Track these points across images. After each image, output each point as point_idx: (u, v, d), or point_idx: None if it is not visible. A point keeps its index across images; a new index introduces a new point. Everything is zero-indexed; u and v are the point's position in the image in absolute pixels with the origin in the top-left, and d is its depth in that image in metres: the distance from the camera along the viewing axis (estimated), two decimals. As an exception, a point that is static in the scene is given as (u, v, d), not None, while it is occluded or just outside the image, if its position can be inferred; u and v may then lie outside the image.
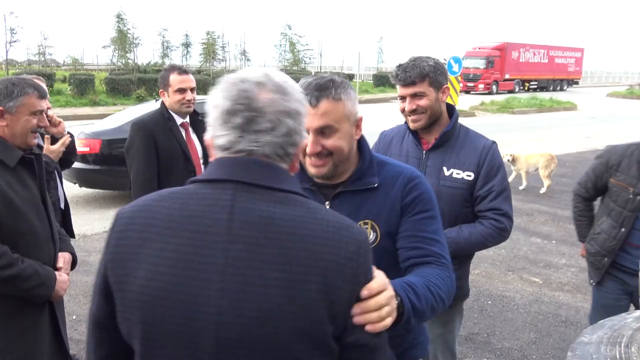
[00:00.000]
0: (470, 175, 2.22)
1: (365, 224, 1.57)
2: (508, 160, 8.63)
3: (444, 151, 2.27)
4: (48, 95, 3.16)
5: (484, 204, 2.23)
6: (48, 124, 2.30)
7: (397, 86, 2.26)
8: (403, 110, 2.27)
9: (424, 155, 2.28)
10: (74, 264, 2.31)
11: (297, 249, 0.98)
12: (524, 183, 8.75)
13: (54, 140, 3.24)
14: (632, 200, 2.68)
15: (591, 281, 2.98)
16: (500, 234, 2.24)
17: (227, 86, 1.05)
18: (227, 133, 1.04)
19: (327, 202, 1.60)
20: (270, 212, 1.00)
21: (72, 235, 3.49)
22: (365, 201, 1.59)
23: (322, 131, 1.52)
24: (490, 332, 4.01)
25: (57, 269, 2.13)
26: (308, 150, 1.53)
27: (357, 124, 1.60)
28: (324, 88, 1.51)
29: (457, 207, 2.24)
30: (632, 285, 2.74)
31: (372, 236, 1.56)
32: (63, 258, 2.21)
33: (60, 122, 3.23)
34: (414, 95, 2.21)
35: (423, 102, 2.20)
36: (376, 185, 1.59)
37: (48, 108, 3.12)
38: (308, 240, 0.99)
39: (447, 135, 2.26)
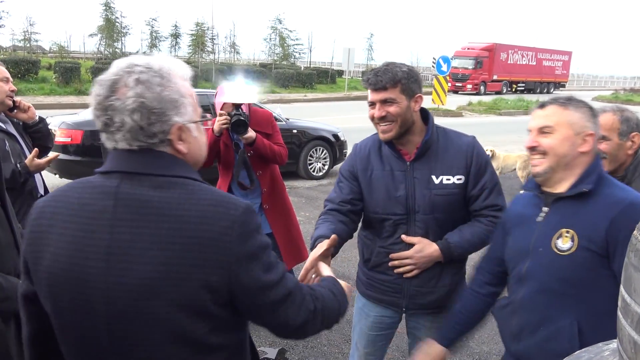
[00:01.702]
0: (460, 179, 2.17)
1: (568, 232, 1.70)
2: (488, 155, 8.62)
3: (428, 159, 2.19)
4: (9, 77, 3.03)
5: (479, 203, 2.20)
6: None
7: (368, 91, 2.16)
8: (372, 118, 2.16)
9: (409, 167, 2.19)
10: None
11: (173, 229, 1.10)
12: None
13: (25, 127, 3.14)
14: None
15: None
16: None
17: (94, 86, 1.17)
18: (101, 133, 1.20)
19: (545, 208, 1.80)
20: (149, 197, 1.12)
21: None
22: (577, 211, 1.71)
23: (542, 130, 1.74)
24: (469, 335, 4.00)
25: None
26: (526, 144, 1.80)
27: (585, 137, 1.72)
28: (559, 97, 1.77)
29: (454, 212, 2.21)
30: None
31: (568, 244, 1.69)
32: None
33: (29, 107, 3.10)
34: (384, 102, 2.10)
35: (393, 109, 2.10)
36: (587, 190, 1.69)
37: (12, 91, 3.02)
38: (184, 220, 1.10)
39: (429, 143, 2.18)
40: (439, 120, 2.40)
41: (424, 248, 2.18)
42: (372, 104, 2.15)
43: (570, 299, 1.70)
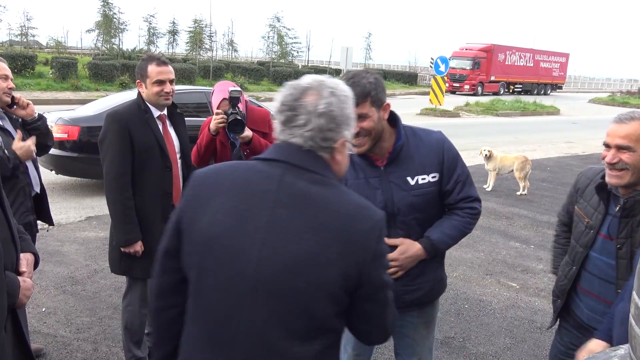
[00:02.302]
0: (435, 177, 2.19)
1: None
2: (485, 155, 8.64)
3: (401, 162, 2.18)
4: (8, 75, 3.02)
5: (454, 196, 2.24)
6: None
7: None
8: None
9: (383, 172, 2.18)
10: (36, 264, 2.10)
11: (327, 220, 1.27)
12: (491, 185, 8.76)
13: (24, 124, 3.12)
14: (585, 233, 2.27)
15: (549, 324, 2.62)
16: (476, 218, 2.30)
17: (284, 89, 1.38)
18: (277, 126, 1.38)
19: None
20: (308, 189, 1.30)
21: (51, 223, 3.38)
22: None
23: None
24: (466, 337, 4.01)
25: (19, 274, 1.92)
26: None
27: None
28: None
29: (432, 209, 2.24)
30: (584, 340, 2.30)
31: None
32: (25, 260, 1.99)
33: (28, 104, 3.09)
34: (357, 118, 2.03)
35: (366, 124, 2.04)
36: None
37: (10, 88, 3.01)
38: (336, 215, 1.28)
39: (400, 146, 2.17)
40: (436, 121, 2.42)
41: (408, 249, 2.19)
42: None
43: None
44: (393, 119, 2.20)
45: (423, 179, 2.18)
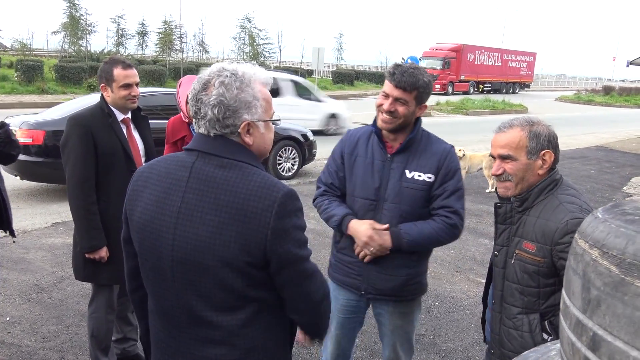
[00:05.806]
0: (430, 177, 2.33)
1: None
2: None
3: (407, 155, 2.36)
4: None
5: (438, 202, 2.34)
6: None
7: (387, 82, 2.30)
8: (379, 106, 2.32)
9: (389, 159, 2.37)
10: None
11: (227, 201, 1.38)
12: None
13: None
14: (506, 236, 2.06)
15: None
16: (451, 230, 2.34)
17: (193, 83, 1.49)
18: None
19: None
20: (214, 173, 1.42)
21: (12, 234, 3.28)
22: None
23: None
24: (437, 333, 4.06)
25: None
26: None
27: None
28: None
29: (418, 207, 2.35)
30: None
31: None
32: None
33: None
34: (397, 99, 2.27)
35: (402, 109, 2.27)
36: None
37: None
38: (236, 195, 1.38)
39: (411, 141, 2.35)
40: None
41: (380, 235, 2.31)
42: (386, 96, 2.30)
43: None
44: (417, 119, 2.39)
45: (419, 175, 2.34)
